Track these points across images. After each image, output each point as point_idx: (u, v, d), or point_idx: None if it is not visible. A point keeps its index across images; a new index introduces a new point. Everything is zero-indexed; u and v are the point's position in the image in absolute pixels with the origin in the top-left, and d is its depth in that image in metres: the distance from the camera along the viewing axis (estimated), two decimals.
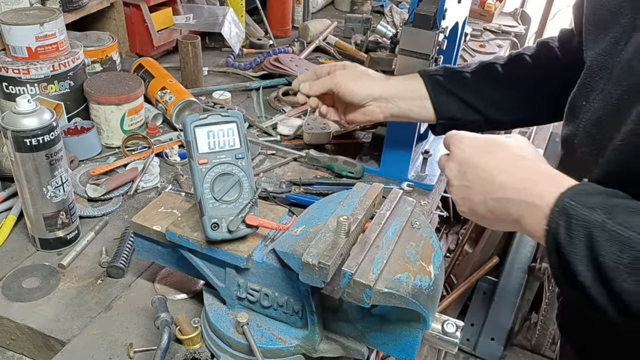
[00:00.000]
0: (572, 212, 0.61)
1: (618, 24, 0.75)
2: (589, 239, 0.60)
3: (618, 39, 0.75)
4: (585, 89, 0.81)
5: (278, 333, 0.82)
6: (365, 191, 0.85)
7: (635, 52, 0.71)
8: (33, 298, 0.95)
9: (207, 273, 0.84)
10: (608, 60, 0.77)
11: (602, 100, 0.77)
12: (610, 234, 0.59)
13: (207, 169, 0.78)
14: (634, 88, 0.71)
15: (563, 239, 0.62)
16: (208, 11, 1.89)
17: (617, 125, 0.73)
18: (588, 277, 0.61)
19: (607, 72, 0.77)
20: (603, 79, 0.77)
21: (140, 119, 1.40)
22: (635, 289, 0.57)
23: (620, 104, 0.73)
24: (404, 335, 0.77)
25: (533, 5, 2.98)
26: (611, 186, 0.66)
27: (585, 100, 0.81)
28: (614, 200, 0.62)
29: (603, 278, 0.59)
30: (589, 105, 0.80)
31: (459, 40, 1.40)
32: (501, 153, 0.73)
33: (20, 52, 1.26)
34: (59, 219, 1.02)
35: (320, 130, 1.45)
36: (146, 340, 0.87)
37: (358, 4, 2.50)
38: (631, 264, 0.57)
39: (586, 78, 0.81)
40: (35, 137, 0.92)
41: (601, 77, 0.78)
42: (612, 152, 0.73)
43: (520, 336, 2.79)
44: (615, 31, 0.76)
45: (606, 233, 0.59)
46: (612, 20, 0.76)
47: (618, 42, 0.75)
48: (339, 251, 0.72)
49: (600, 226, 0.60)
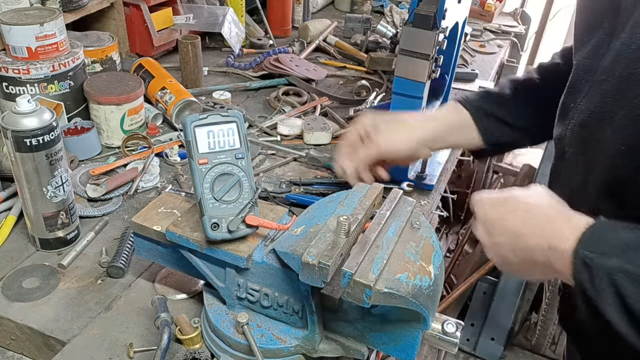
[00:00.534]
0: (591, 263, 0.63)
1: (602, 28, 0.77)
2: (614, 286, 0.61)
3: (600, 43, 0.77)
4: (574, 90, 0.83)
5: (278, 333, 0.82)
6: (365, 191, 0.85)
7: (616, 57, 0.73)
8: (33, 298, 0.95)
9: (207, 273, 0.84)
10: (592, 63, 0.79)
11: (588, 102, 0.79)
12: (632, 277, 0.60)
13: (207, 169, 0.78)
14: (614, 94, 0.72)
15: (591, 292, 0.63)
16: (208, 11, 1.89)
17: (600, 127, 0.74)
18: (623, 324, 0.62)
19: (591, 75, 0.79)
20: (588, 82, 0.79)
21: (140, 119, 1.40)
22: None
23: (602, 107, 0.75)
24: (404, 335, 0.77)
25: (533, 5, 2.98)
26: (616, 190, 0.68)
27: (573, 102, 0.82)
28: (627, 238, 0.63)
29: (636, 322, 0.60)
30: (576, 107, 0.81)
31: (459, 40, 1.40)
32: (517, 205, 0.76)
33: (20, 52, 1.26)
34: (59, 219, 1.02)
35: (320, 130, 1.45)
36: (146, 340, 0.87)
37: (358, 4, 2.50)
38: None
39: (574, 80, 0.83)
40: (35, 137, 0.92)
41: (586, 79, 0.80)
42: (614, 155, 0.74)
43: (520, 336, 2.79)
44: (598, 35, 0.78)
45: (628, 277, 0.60)
46: (597, 24, 0.78)
47: (600, 46, 0.77)
48: (339, 251, 0.72)
49: (620, 271, 0.61)
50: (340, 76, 1.91)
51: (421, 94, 1.22)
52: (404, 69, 1.19)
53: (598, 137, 0.75)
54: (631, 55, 0.69)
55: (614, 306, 0.62)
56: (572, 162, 0.83)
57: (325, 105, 1.64)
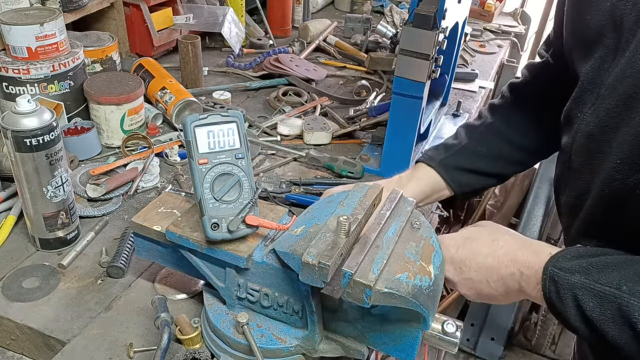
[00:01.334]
0: (557, 278, 0.72)
1: (602, 44, 0.78)
2: (575, 300, 0.70)
3: (604, 58, 0.78)
4: (580, 101, 0.84)
5: (278, 333, 0.82)
6: (365, 191, 0.85)
7: (620, 75, 0.74)
8: (33, 298, 0.95)
9: (207, 273, 0.84)
10: (597, 77, 0.80)
11: (593, 113, 0.80)
12: (590, 291, 0.68)
13: (207, 169, 0.78)
14: (618, 110, 0.74)
15: (556, 302, 0.72)
16: (208, 11, 1.89)
17: (605, 140, 0.77)
18: (585, 332, 0.70)
19: (596, 88, 0.80)
20: (594, 94, 0.80)
21: (140, 119, 1.40)
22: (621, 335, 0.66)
23: (607, 121, 0.77)
24: (404, 335, 0.77)
25: (533, 5, 2.98)
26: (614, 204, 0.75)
27: (579, 112, 0.84)
28: (590, 261, 0.71)
29: (595, 331, 0.68)
30: (582, 117, 0.83)
31: (459, 40, 1.40)
32: (477, 242, 0.83)
33: (20, 52, 1.26)
34: (59, 219, 1.02)
35: (320, 130, 1.45)
36: (146, 340, 0.87)
37: (358, 4, 2.50)
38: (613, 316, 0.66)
39: (579, 92, 0.84)
40: (35, 137, 0.92)
41: (592, 91, 0.81)
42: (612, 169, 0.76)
43: (520, 336, 2.79)
44: (600, 50, 0.79)
45: (587, 292, 0.69)
46: (597, 40, 0.79)
47: (605, 60, 0.78)
48: (339, 251, 0.72)
49: (581, 287, 0.69)
50: (340, 76, 1.91)
51: (421, 94, 1.23)
52: (404, 69, 1.20)
53: (603, 150, 0.78)
54: (636, 75, 0.71)
55: (576, 317, 0.70)
56: (578, 171, 0.85)
57: (325, 105, 1.65)
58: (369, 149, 1.44)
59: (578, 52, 0.86)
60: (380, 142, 1.31)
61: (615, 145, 0.75)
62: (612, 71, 0.76)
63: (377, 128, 1.51)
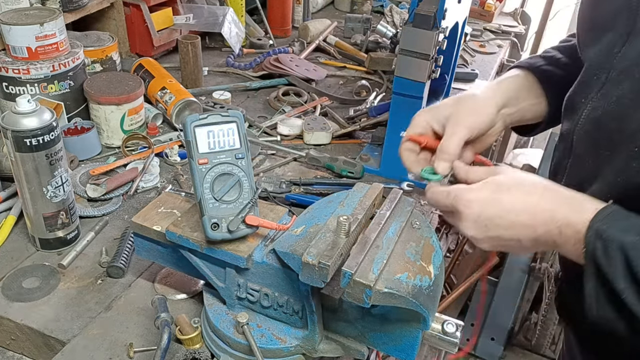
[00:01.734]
0: (605, 236, 0.67)
1: (615, 27, 0.77)
2: (626, 260, 0.65)
3: (615, 42, 0.77)
4: (585, 86, 0.82)
5: (278, 333, 0.82)
6: (365, 191, 0.85)
7: (636, 59, 0.72)
8: (33, 298, 0.95)
9: (207, 273, 0.84)
10: (605, 62, 0.78)
11: (601, 99, 0.78)
12: None
13: (207, 169, 0.78)
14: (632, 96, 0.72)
15: (602, 260, 0.67)
16: (208, 11, 1.89)
17: (615, 127, 0.74)
18: (629, 294, 0.65)
19: (605, 73, 0.78)
20: (601, 79, 0.79)
21: (140, 119, 1.40)
22: None
23: (619, 107, 0.74)
24: (404, 335, 0.77)
25: (533, 5, 2.98)
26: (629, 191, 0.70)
27: (584, 97, 0.82)
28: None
29: None
30: (587, 103, 0.81)
31: (459, 40, 1.40)
32: (508, 196, 0.76)
33: (20, 52, 1.25)
34: (59, 219, 1.02)
35: (320, 130, 1.45)
36: (146, 340, 0.87)
37: (358, 4, 2.50)
38: None
39: (585, 76, 0.83)
40: (35, 137, 0.92)
41: (599, 77, 0.79)
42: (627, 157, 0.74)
43: (520, 336, 2.79)
44: (611, 35, 0.77)
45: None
46: (608, 23, 0.78)
47: (614, 45, 0.77)
48: (339, 251, 0.72)
49: (633, 247, 0.65)
50: (340, 76, 1.91)
51: (421, 94, 1.23)
52: (404, 69, 1.20)
53: (612, 137, 0.75)
54: None
55: (623, 277, 0.65)
56: (581, 159, 0.82)
57: (325, 105, 1.64)
58: (369, 149, 1.44)
59: (587, 37, 0.84)
60: (380, 142, 1.31)
61: (630, 133, 0.72)
62: (624, 56, 0.75)
63: (377, 128, 1.51)
